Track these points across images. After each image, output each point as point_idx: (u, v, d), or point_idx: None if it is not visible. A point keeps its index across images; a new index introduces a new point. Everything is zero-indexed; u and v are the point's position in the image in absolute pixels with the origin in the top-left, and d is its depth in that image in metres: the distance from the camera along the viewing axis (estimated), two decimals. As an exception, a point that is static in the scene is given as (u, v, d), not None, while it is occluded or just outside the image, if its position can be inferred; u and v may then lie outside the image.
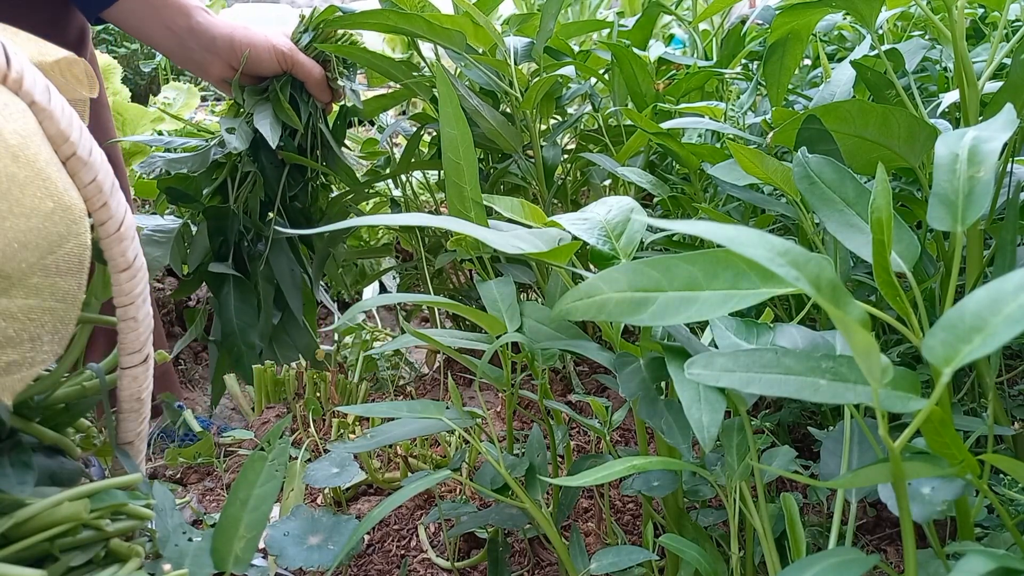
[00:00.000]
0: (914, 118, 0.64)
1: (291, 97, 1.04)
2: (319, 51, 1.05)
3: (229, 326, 1.06)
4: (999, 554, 0.36)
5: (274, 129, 1.00)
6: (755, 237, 0.35)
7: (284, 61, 1.02)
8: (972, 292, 0.35)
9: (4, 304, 0.38)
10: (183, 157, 1.04)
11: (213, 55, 0.99)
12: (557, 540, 0.63)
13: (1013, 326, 0.32)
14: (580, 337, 0.64)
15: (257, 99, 1.03)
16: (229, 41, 0.98)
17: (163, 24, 0.95)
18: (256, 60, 1.00)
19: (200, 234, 1.05)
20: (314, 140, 1.10)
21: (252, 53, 0.99)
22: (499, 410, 1.21)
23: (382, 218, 0.52)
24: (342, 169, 1.14)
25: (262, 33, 1.01)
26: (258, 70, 1.02)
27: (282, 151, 1.07)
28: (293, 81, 1.05)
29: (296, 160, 1.08)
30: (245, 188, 1.08)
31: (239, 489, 0.51)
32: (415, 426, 0.66)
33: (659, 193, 0.94)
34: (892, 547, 0.79)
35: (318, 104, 1.09)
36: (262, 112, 1.01)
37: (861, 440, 0.52)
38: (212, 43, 0.98)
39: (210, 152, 1.04)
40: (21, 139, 0.38)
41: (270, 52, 1.01)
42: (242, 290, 1.07)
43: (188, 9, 0.96)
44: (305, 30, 1.06)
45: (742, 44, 1.09)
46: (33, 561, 0.42)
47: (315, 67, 1.04)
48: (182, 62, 1.00)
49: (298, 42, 1.05)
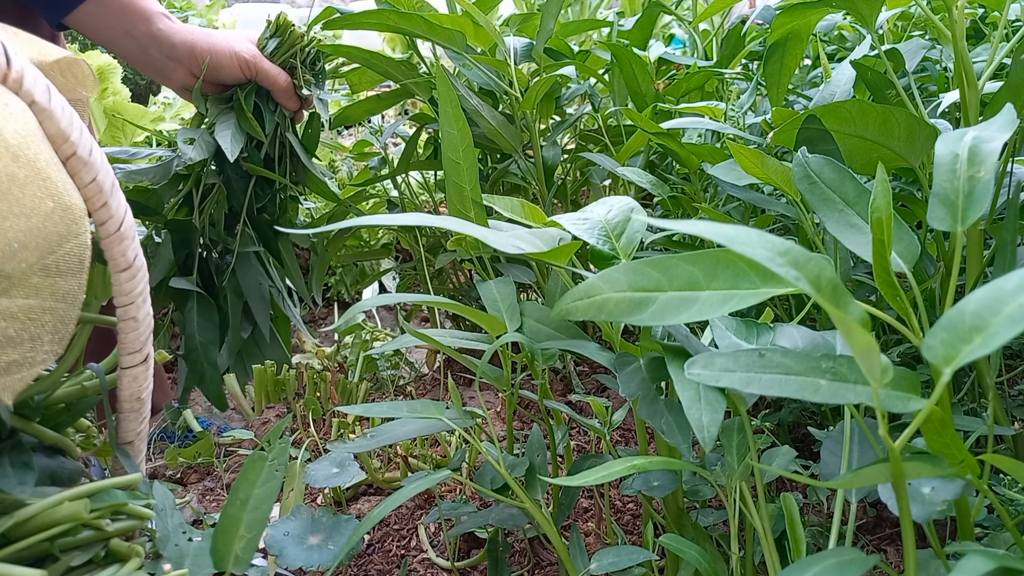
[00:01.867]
0: (914, 118, 0.64)
1: (256, 106, 1.02)
2: (285, 58, 1.02)
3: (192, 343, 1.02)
4: (999, 554, 0.36)
5: (236, 140, 0.97)
6: (755, 237, 0.35)
7: (247, 68, 1.00)
8: (972, 292, 0.35)
9: (4, 304, 0.38)
10: (144, 168, 1.00)
11: (174, 62, 0.97)
12: (557, 540, 0.63)
13: (1013, 326, 0.32)
14: (580, 337, 0.64)
15: (221, 108, 1.01)
16: (190, 48, 0.97)
17: (123, 30, 0.94)
18: (217, 67, 0.98)
19: (164, 248, 1.02)
20: (282, 150, 1.08)
21: (213, 60, 0.97)
22: (499, 410, 1.21)
23: (382, 218, 0.52)
24: (312, 180, 1.11)
25: (224, 39, 0.99)
26: (221, 77, 1.00)
27: (247, 162, 1.04)
28: (259, 89, 1.02)
29: (260, 172, 1.05)
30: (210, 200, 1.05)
31: (239, 489, 0.51)
32: (415, 426, 0.66)
33: (659, 193, 0.94)
34: (892, 547, 0.79)
35: (286, 113, 1.06)
36: (225, 122, 0.99)
37: (861, 440, 0.52)
38: (172, 50, 0.96)
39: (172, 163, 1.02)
40: (21, 139, 0.38)
41: (232, 59, 0.98)
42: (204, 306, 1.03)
43: (149, 15, 0.95)
44: (271, 36, 1.03)
45: (742, 44, 1.09)
46: (33, 561, 0.42)
47: (280, 75, 1.02)
48: (144, 69, 0.99)
49: (264, 48, 1.02)
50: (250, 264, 1.07)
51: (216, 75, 0.99)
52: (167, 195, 1.03)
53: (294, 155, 1.09)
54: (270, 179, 1.09)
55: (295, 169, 1.10)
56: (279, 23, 1.02)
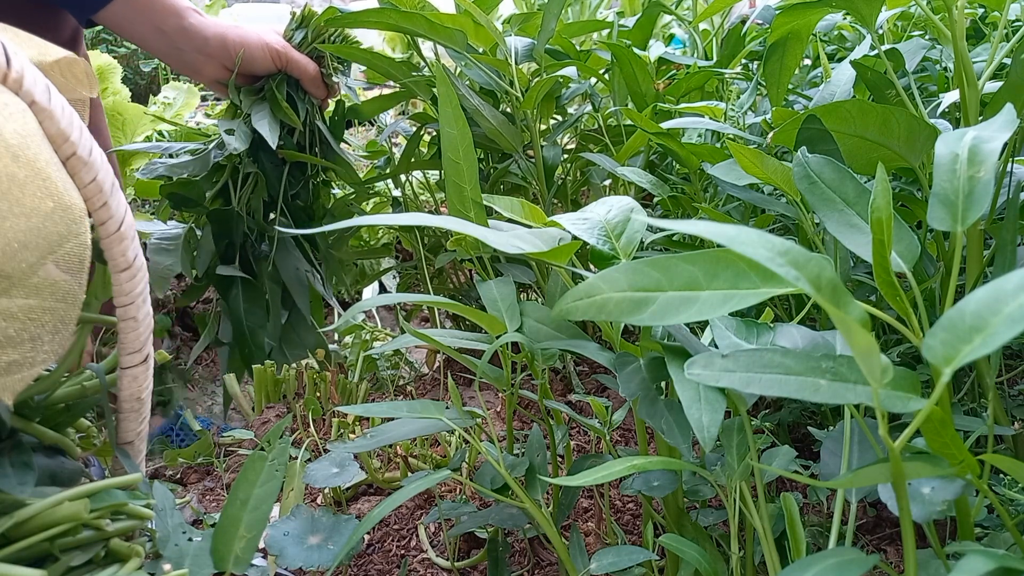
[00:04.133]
0: (914, 118, 0.64)
1: (287, 95, 1.04)
2: (313, 48, 1.04)
3: (240, 328, 1.06)
4: (999, 554, 0.36)
5: (273, 128, 0.99)
6: (755, 237, 0.35)
7: (279, 59, 1.02)
8: (972, 292, 0.35)
9: (4, 304, 0.38)
10: (184, 162, 1.03)
11: (206, 56, 0.98)
12: (557, 540, 0.63)
13: (1013, 326, 0.32)
14: (580, 337, 0.64)
15: (254, 99, 1.03)
16: (222, 41, 0.98)
17: (154, 26, 0.95)
18: (250, 59, 1.00)
19: (205, 238, 1.05)
20: (312, 137, 1.10)
21: (246, 53, 0.99)
22: (499, 410, 1.21)
23: (382, 218, 0.52)
24: (341, 164, 1.13)
25: (255, 32, 1.01)
26: (253, 69, 1.02)
27: (282, 150, 1.07)
28: (288, 79, 1.04)
29: (296, 157, 1.08)
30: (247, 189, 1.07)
31: (239, 489, 0.51)
32: (415, 426, 0.66)
33: (659, 193, 0.94)
34: (892, 547, 0.78)
35: (314, 101, 1.08)
36: (260, 112, 1.01)
37: (861, 440, 0.52)
38: (205, 44, 0.97)
39: (210, 155, 1.04)
40: (21, 139, 0.38)
41: (264, 51, 1.00)
42: (250, 291, 1.07)
43: (179, 10, 0.95)
44: (297, 27, 1.05)
45: (742, 44, 1.09)
46: (33, 561, 0.42)
47: (310, 64, 1.03)
48: (175, 64, 1.00)
49: (291, 39, 1.05)
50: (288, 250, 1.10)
51: (248, 67, 1.01)
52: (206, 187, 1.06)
53: (324, 141, 1.11)
54: (302, 167, 1.12)
55: (325, 155, 1.12)
56: (305, 14, 1.05)
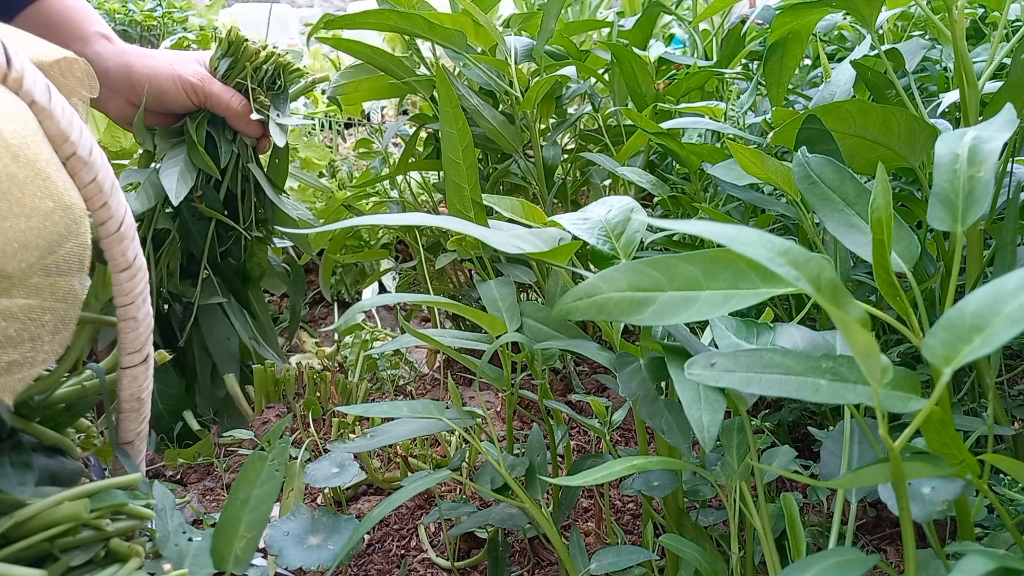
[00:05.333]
0: (914, 118, 0.64)
1: (209, 136, 0.90)
2: (239, 80, 0.91)
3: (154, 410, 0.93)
4: (999, 554, 0.36)
5: (184, 179, 0.85)
6: (755, 237, 0.35)
7: (194, 94, 0.87)
8: (972, 292, 0.35)
9: (4, 304, 0.38)
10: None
11: (109, 90, 0.85)
12: (557, 540, 0.63)
13: (1013, 326, 0.32)
14: (580, 337, 0.64)
15: (172, 142, 0.89)
16: (126, 73, 0.85)
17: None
18: (159, 94, 0.86)
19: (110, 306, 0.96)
20: (245, 184, 0.95)
21: (153, 87, 0.85)
22: (499, 410, 1.21)
23: (382, 218, 0.52)
24: (281, 218, 0.98)
25: (167, 61, 0.87)
26: (165, 106, 0.88)
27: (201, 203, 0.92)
28: (213, 118, 0.91)
29: (214, 215, 0.93)
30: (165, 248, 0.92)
31: (239, 489, 0.51)
32: (415, 426, 0.66)
33: (659, 193, 0.94)
34: (892, 547, 0.78)
35: (247, 142, 0.94)
36: (173, 159, 0.86)
37: (861, 440, 0.52)
38: (105, 76, 0.84)
39: None
40: (21, 139, 0.38)
41: (176, 83, 0.86)
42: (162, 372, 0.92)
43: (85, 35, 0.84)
44: (223, 55, 0.91)
45: (742, 44, 1.09)
46: (33, 561, 0.42)
47: (234, 98, 0.89)
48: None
49: (215, 70, 0.91)
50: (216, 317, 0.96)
51: (160, 103, 0.88)
52: None
53: (260, 190, 0.97)
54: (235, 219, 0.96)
55: (262, 205, 0.98)
56: (230, 39, 0.91)
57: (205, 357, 0.96)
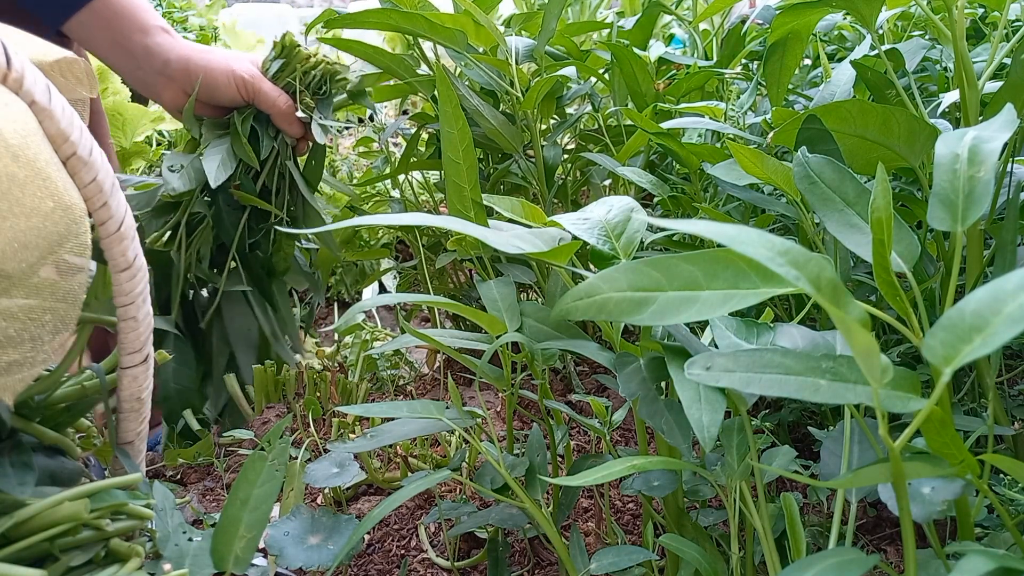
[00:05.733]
0: (914, 118, 0.64)
1: (253, 131, 0.94)
2: (288, 81, 0.96)
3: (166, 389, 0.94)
4: (999, 554, 0.36)
5: (224, 166, 0.89)
6: (755, 236, 0.35)
7: (245, 90, 0.93)
8: (972, 292, 0.35)
9: (4, 304, 0.38)
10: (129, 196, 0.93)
11: (166, 79, 0.90)
12: (557, 540, 0.63)
13: (1013, 326, 0.32)
14: (580, 337, 0.64)
15: (217, 133, 0.94)
16: (185, 65, 0.90)
17: (116, 41, 0.88)
18: (212, 86, 0.91)
19: None
20: (281, 181, 0.99)
21: (207, 79, 0.91)
22: (499, 410, 1.21)
23: (382, 218, 0.52)
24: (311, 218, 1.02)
25: (223, 58, 0.93)
26: (215, 98, 0.93)
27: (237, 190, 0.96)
28: (259, 114, 0.95)
29: (250, 201, 0.97)
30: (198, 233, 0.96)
31: (239, 489, 0.51)
32: (415, 426, 0.66)
33: (659, 193, 0.94)
34: (892, 547, 0.78)
35: (288, 141, 0.98)
36: (217, 147, 0.91)
37: (861, 440, 0.52)
38: (165, 66, 0.89)
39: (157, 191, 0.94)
40: (21, 139, 0.38)
41: (229, 79, 0.92)
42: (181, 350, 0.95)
43: (146, 27, 0.89)
44: (275, 57, 0.96)
45: (742, 44, 1.09)
46: (33, 561, 0.42)
47: (280, 97, 0.94)
48: (136, 84, 0.93)
49: (267, 71, 0.96)
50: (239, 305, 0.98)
51: (212, 95, 0.93)
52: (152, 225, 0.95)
53: (294, 188, 1.00)
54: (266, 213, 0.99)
55: (294, 203, 1.01)
56: (284, 43, 0.96)
57: (224, 346, 0.99)
